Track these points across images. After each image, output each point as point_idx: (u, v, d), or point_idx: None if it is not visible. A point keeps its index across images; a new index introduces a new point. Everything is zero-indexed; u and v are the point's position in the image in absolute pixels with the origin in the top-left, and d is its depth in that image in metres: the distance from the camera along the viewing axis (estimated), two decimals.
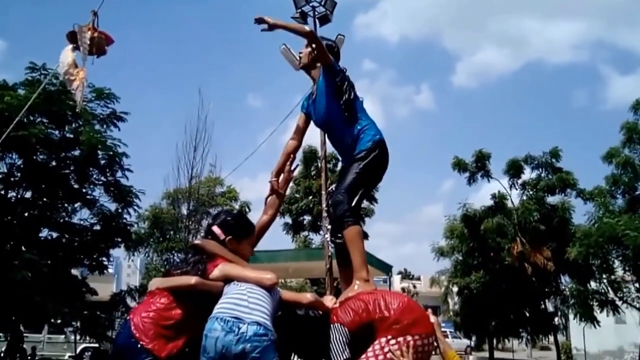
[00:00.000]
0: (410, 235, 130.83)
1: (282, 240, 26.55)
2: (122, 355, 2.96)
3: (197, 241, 3.41)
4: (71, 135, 15.60)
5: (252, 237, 3.37)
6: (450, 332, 30.16)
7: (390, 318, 3.02)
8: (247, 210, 24.94)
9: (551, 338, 24.72)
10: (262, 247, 3.54)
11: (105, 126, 16.23)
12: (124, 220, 16.90)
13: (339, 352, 2.95)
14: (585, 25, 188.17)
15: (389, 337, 2.96)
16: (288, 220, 27.17)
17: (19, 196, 15.41)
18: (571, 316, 22.44)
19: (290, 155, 3.93)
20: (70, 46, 5.23)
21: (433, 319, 3.20)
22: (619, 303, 18.92)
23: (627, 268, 18.51)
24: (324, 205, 13.65)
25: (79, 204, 16.26)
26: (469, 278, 22.92)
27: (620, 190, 19.06)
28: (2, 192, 15.06)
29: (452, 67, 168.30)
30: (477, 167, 23.16)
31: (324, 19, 13.67)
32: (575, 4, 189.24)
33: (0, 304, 13.31)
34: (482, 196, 54.12)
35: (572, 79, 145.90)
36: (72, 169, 15.84)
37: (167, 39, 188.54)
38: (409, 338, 2.97)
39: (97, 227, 16.38)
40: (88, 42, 5.10)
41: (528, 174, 23.19)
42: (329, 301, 3.32)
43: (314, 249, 22.09)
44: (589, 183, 23.28)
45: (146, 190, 17.91)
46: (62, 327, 18.99)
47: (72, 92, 5.38)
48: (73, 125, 15.75)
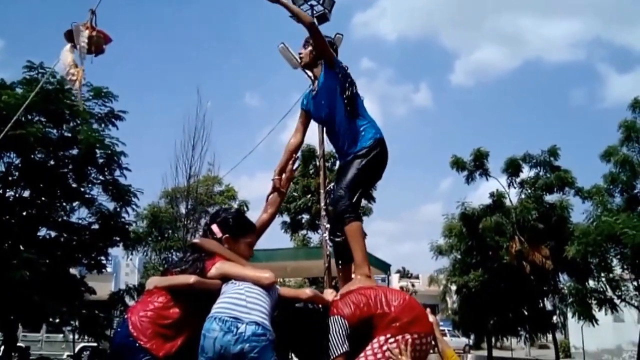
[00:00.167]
0: (408, 234, 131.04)
1: (281, 239, 26.48)
2: (120, 354, 2.95)
3: (196, 240, 3.41)
4: (69, 134, 15.57)
5: (251, 236, 3.35)
6: (449, 330, 30.19)
7: (390, 315, 3.01)
8: (245, 209, 24.87)
9: (549, 336, 24.72)
10: (260, 246, 3.53)
11: (103, 125, 16.22)
12: (123, 219, 16.90)
13: (338, 345, 2.93)
14: (583, 24, 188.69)
15: (388, 335, 2.96)
16: (286, 218, 27.09)
17: (17, 195, 15.39)
18: (569, 314, 22.50)
19: (293, 155, 3.94)
20: (69, 45, 5.23)
21: (431, 318, 3.20)
22: (617, 301, 18.93)
23: (625, 266, 18.53)
24: (322, 204, 13.63)
25: (77, 203, 16.24)
26: (467, 277, 22.90)
27: (618, 189, 19.06)
28: (0, 192, 15.03)
29: (451, 65, 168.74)
30: (476, 166, 23.12)
31: (323, 18, 13.66)
32: (573, 2, 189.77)
33: None
34: (480, 195, 54.19)
35: (570, 77, 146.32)
36: (70, 168, 15.80)
37: (165, 38, 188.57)
38: (407, 337, 2.96)
39: (96, 226, 16.37)
40: (86, 40, 5.10)
41: (526, 173, 23.21)
42: (329, 294, 3.32)
43: (312, 248, 22.07)
44: (587, 181, 23.34)
45: (144, 189, 17.86)
46: (61, 326, 18.98)
47: (74, 92, 5.40)
48: (71, 124, 15.71)
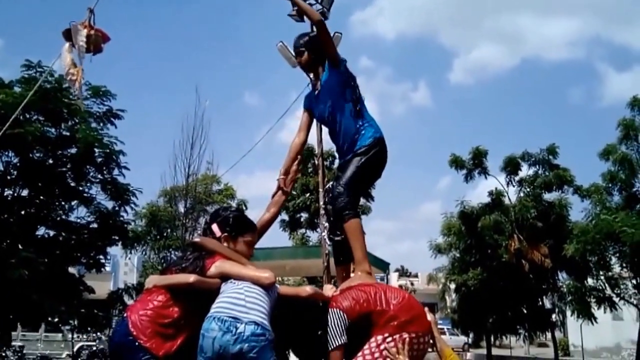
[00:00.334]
0: (407, 233, 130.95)
1: (279, 238, 26.45)
2: (119, 354, 2.94)
3: (197, 239, 3.40)
4: (67, 133, 15.57)
5: (251, 235, 3.31)
6: (448, 329, 30.22)
7: (388, 313, 3.01)
8: (244, 208, 24.89)
9: (549, 335, 24.69)
10: (258, 244, 3.52)
11: (101, 124, 16.22)
12: (121, 218, 16.92)
13: (335, 336, 2.92)
14: (582, 22, 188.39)
15: (385, 334, 2.96)
16: (285, 217, 27.06)
17: (16, 194, 15.39)
18: (568, 313, 22.52)
19: (298, 156, 3.95)
20: (67, 45, 5.21)
21: (430, 317, 3.19)
22: (616, 300, 18.94)
23: (624, 265, 18.54)
24: (321, 202, 13.60)
25: (75, 202, 16.25)
26: (466, 275, 22.90)
27: (617, 187, 19.03)
28: None
29: (449, 64, 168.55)
30: (474, 164, 23.10)
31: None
32: (572, 1, 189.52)
33: None
34: (479, 193, 54.32)
35: (568, 75, 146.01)
36: (68, 166, 15.81)
37: (164, 37, 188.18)
38: (405, 336, 2.96)
39: (94, 225, 16.38)
40: (85, 39, 5.08)
41: (525, 171, 23.18)
42: (329, 290, 3.32)
43: (311, 247, 22.06)
44: (586, 180, 23.23)
45: (143, 188, 17.90)
46: (60, 325, 18.99)
47: (74, 92, 5.39)
48: (69, 123, 15.72)
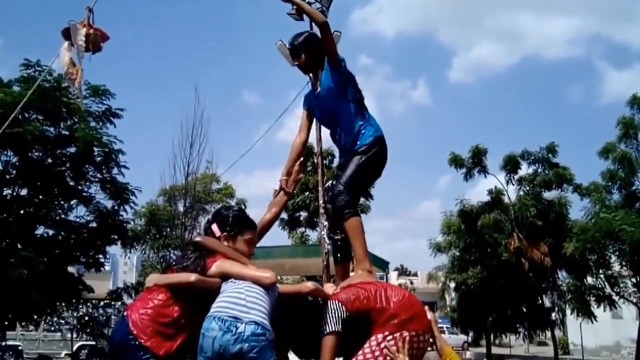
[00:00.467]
0: (406, 232, 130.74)
1: (278, 236, 26.45)
2: (119, 353, 2.92)
3: (198, 238, 3.39)
4: (66, 132, 15.55)
5: (251, 233, 3.29)
6: (447, 328, 30.26)
7: (388, 311, 3.00)
8: (243, 207, 24.87)
9: (548, 333, 24.75)
10: (258, 243, 3.50)
11: (100, 123, 16.21)
12: (120, 218, 16.91)
13: (330, 322, 2.91)
14: (581, 20, 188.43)
15: (385, 333, 2.94)
16: (284, 216, 27.04)
17: (15, 194, 15.38)
18: (568, 311, 22.52)
19: (299, 156, 3.94)
20: (66, 44, 5.20)
21: (430, 316, 3.18)
22: (615, 298, 19.00)
23: (623, 263, 18.58)
24: (320, 201, 13.58)
25: (75, 201, 16.24)
26: (466, 274, 22.92)
27: (616, 186, 19.06)
28: None
29: (448, 62, 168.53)
30: (474, 163, 23.12)
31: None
32: None
33: None
34: (478, 192, 54.24)
35: (568, 74, 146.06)
36: (67, 166, 15.80)
37: (163, 36, 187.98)
38: (405, 334, 2.95)
39: (94, 224, 16.38)
40: (83, 38, 5.06)
41: (525, 170, 23.21)
42: (329, 288, 3.32)
43: (310, 246, 22.04)
44: (585, 178, 23.24)
45: (142, 187, 17.93)
46: (59, 325, 19.00)
47: (74, 91, 5.37)
48: (68, 122, 15.70)
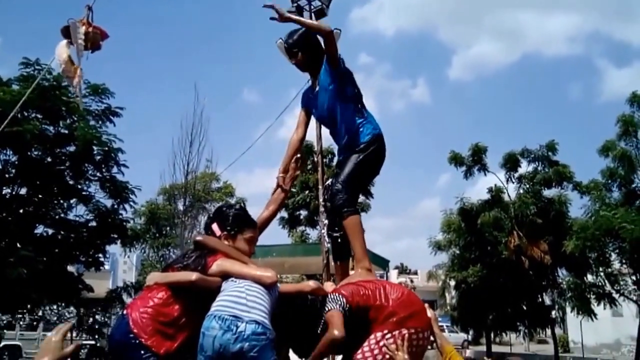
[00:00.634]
0: (406, 230, 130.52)
1: (278, 235, 26.46)
2: (119, 351, 2.90)
3: (199, 237, 3.37)
4: (66, 131, 15.54)
5: (252, 231, 3.28)
6: (447, 326, 30.23)
7: (387, 308, 2.99)
8: (243, 205, 24.83)
9: (548, 331, 24.77)
10: (257, 242, 3.49)
11: (100, 122, 16.20)
12: (120, 216, 16.90)
13: (332, 301, 2.95)
14: (581, 18, 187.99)
15: (385, 331, 2.94)
16: (284, 214, 27.05)
17: (14, 193, 15.36)
18: (568, 309, 22.54)
19: (296, 153, 3.95)
20: (65, 41, 5.18)
21: (430, 313, 3.18)
22: (615, 296, 19.00)
23: (623, 261, 18.59)
24: (320, 199, 13.59)
25: (74, 200, 16.23)
26: (466, 272, 22.94)
27: (616, 184, 19.07)
28: None
29: (448, 60, 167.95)
30: (474, 161, 23.13)
31: (320, 13, 13.56)
32: None
33: None
34: (478, 190, 54.11)
35: (568, 71, 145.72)
36: (67, 165, 15.79)
37: (163, 34, 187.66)
38: (404, 332, 2.94)
39: (93, 224, 16.37)
40: (83, 37, 5.05)
41: (525, 168, 23.24)
42: (329, 287, 3.31)
43: (310, 244, 22.04)
44: (585, 176, 23.24)
45: (142, 186, 17.89)
46: (58, 324, 18.99)
47: (72, 90, 5.34)
48: (68, 121, 15.69)
